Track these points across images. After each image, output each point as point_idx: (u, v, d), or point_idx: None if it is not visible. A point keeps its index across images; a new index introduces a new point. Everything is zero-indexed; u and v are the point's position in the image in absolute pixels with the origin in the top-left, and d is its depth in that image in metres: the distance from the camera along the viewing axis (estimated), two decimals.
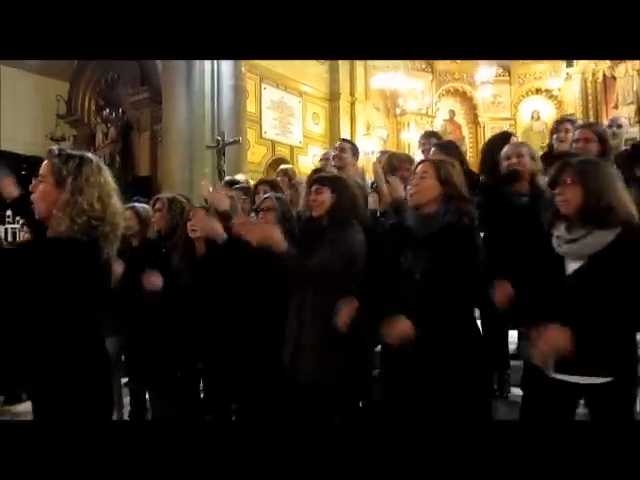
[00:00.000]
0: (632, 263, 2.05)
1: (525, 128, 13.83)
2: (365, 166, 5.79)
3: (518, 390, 3.11)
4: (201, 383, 3.79)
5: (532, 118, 13.92)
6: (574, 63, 13.13)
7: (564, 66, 13.38)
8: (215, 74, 9.75)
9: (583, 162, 2.28)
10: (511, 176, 3.29)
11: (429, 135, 4.68)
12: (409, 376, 2.61)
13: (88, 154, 2.09)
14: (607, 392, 2.10)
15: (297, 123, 11.93)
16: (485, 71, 12.75)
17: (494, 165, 3.45)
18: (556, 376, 2.17)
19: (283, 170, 5.14)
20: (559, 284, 2.18)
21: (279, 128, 11.55)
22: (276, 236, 2.67)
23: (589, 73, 12.89)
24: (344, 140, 4.78)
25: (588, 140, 3.36)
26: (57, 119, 12.21)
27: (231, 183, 5.00)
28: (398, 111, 13.61)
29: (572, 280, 2.16)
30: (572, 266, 2.18)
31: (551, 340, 2.02)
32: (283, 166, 5.53)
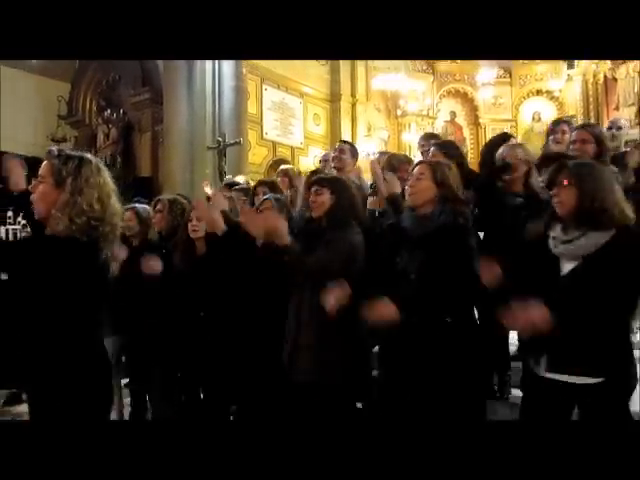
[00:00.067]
0: (625, 264, 2.06)
1: (526, 129, 13.85)
2: (364, 166, 5.78)
3: (519, 391, 3.12)
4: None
5: (533, 119, 13.92)
6: (575, 64, 13.14)
7: (565, 67, 13.39)
8: (216, 75, 9.77)
9: (579, 164, 2.30)
10: (503, 169, 3.32)
11: (428, 137, 4.69)
12: (405, 375, 2.62)
13: (87, 155, 2.10)
14: (598, 393, 2.10)
15: (298, 124, 11.94)
16: (486, 72, 12.75)
17: (493, 166, 3.47)
18: (547, 375, 2.19)
19: (283, 171, 5.12)
20: (555, 284, 2.19)
21: (280, 129, 11.55)
22: (280, 227, 2.69)
23: (590, 74, 12.89)
24: (343, 142, 4.78)
25: (585, 141, 3.36)
26: (58, 120, 12.24)
27: (230, 185, 5.00)
28: (399, 112, 13.61)
29: (566, 280, 2.18)
30: (567, 267, 2.20)
31: (531, 318, 2.04)
32: (283, 166, 5.51)
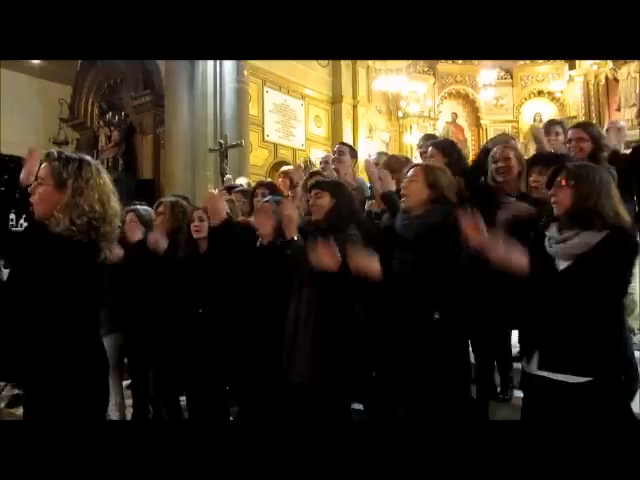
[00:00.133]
0: (615, 265, 2.08)
1: (527, 130, 13.79)
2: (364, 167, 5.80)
3: (522, 393, 3.13)
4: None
5: (534, 120, 13.87)
6: (576, 65, 13.13)
7: (566, 68, 13.37)
8: (217, 77, 9.77)
9: (578, 166, 2.33)
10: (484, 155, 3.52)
11: (428, 138, 4.71)
12: (397, 373, 2.65)
13: (87, 157, 2.12)
14: (587, 392, 2.10)
15: (299, 126, 11.93)
16: (487, 74, 12.73)
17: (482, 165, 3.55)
18: (538, 373, 2.21)
19: (284, 172, 5.13)
20: (549, 283, 2.20)
21: (282, 131, 11.54)
22: (294, 219, 2.86)
23: (591, 75, 12.87)
24: (342, 144, 4.79)
25: (581, 140, 3.38)
26: (60, 123, 12.24)
27: (229, 188, 5.00)
28: (400, 114, 13.60)
29: (558, 279, 2.19)
30: (562, 266, 2.21)
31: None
32: (284, 168, 5.52)
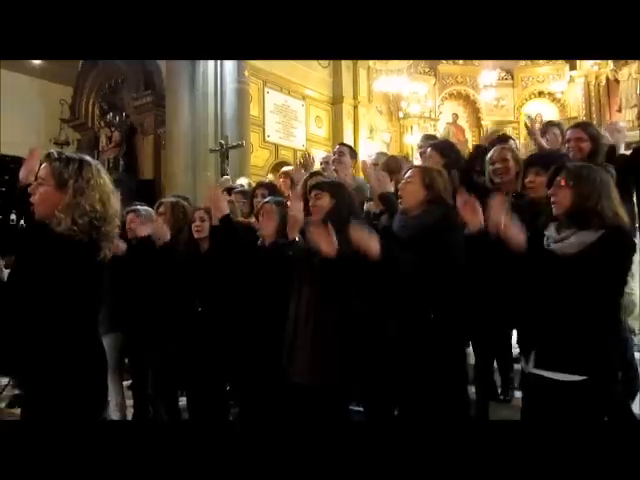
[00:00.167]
0: (611, 264, 2.08)
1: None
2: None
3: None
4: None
5: (535, 121, 13.86)
6: (577, 66, 13.12)
7: (567, 69, 13.35)
8: (218, 78, 9.78)
9: (579, 167, 2.33)
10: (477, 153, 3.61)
11: (428, 138, 4.73)
12: (396, 374, 2.66)
13: (87, 157, 2.12)
14: (582, 391, 2.10)
15: (300, 127, 11.93)
16: (488, 74, 12.72)
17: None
18: (534, 371, 2.21)
19: (285, 172, 5.14)
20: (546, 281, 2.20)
21: (282, 132, 11.55)
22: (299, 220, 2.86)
23: (592, 76, 12.87)
24: (342, 144, 4.81)
25: (580, 140, 3.39)
26: (61, 123, 12.26)
27: (229, 189, 5.01)
28: (401, 114, 13.60)
29: (555, 278, 2.18)
30: None
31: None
32: (285, 168, 5.53)
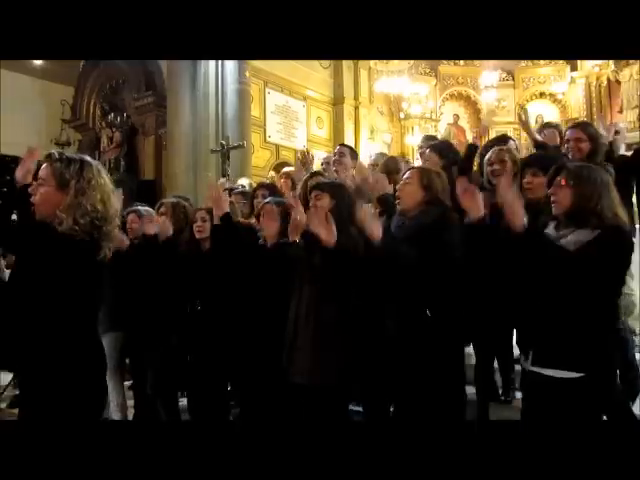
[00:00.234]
0: (607, 263, 2.09)
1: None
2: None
3: None
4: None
5: (536, 122, 13.82)
6: (578, 67, 13.12)
7: (568, 70, 13.35)
8: (219, 78, 9.78)
9: (579, 167, 2.35)
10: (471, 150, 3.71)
11: (429, 139, 4.75)
12: (394, 373, 2.67)
13: (87, 157, 2.13)
14: (579, 388, 2.11)
15: (301, 127, 11.94)
16: (489, 75, 12.73)
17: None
18: (532, 368, 2.23)
19: (286, 173, 5.15)
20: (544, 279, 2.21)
21: (283, 132, 11.56)
22: (300, 221, 2.91)
23: (593, 77, 12.86)
24: (343, 145, 4.82)
25: (579, 140, 3.41)
26: (62, 124, 12.28)
27: (229, 190, 5.02)
28: (402, 115, 13.60)
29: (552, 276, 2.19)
30: None
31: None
32: (286, 169, 5.53)
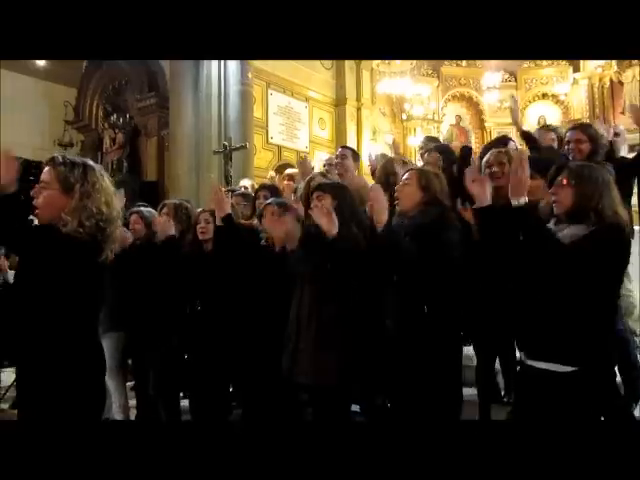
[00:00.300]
0: (601, 258, 2.08)
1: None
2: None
3: None
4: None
5: (538, 123, 13.84)
6: (581, 68, 13.11)
7: (571, 71, 13.34)
8: (222, 80, 9.79)
9: (581, 166, 2.35)
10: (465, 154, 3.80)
11: (429, 140, 4.78)
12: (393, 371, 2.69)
13: (89, 161, 2.15)
14: (573, 382, 2.11)
15: (303, 128, 11.94)
16: (491, 76, 12.72)
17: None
18: (528, 362, 2.24)
19: (289, 175, 5.16)
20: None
21: (286, 133, 11.56)
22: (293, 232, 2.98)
23: (596, 78, 12.84)
24: (345, 147, 4.83)
25: (580, 141, 3.44)
26: (65, 125, 12.29)
27: (230, 191, 5.04)
28: (404, 116, 13.60)
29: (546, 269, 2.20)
30: None
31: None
32: (289, 170, 5.55)
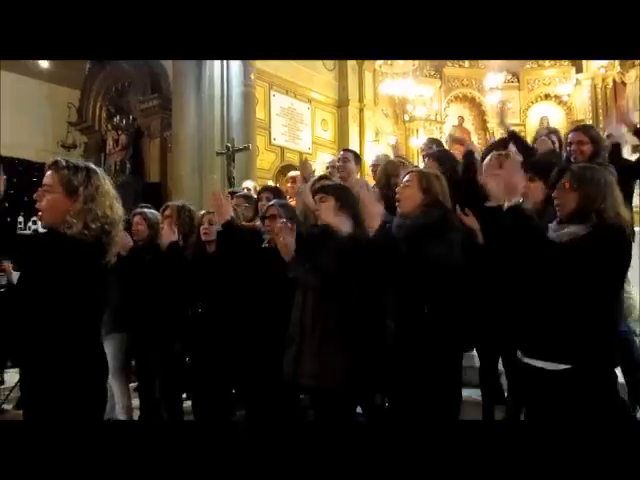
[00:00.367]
0: (598, 257, 2.09)
1: (534, 134, 13.73)
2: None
3: None
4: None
5: (541, 124, 13.82)
6: (583, 69, 13.08)
7: (573, 72, 13.31)
8: (225, 81, 9.79)
9: (583, 168, 2.36)
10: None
11: (431, 142, 4.79)
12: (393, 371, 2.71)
13: (92, 164, 2.16)
14: (567, 380, 2.12)
15: (306, 129, 11.94)
16: (494, 77, 12.68)
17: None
18: (525, 360, 2.25)
19: (292, 177, 5.19)
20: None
21: (288, 135, 11.57)
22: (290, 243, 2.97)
23: (599, 79, 12.80)
24: (346, 150, 4.85)
25: (581, 143, 3.46)
26: (68, 126, 12.31)
27: (232, 193, 5.04)
28: (407, 117, 13.59)
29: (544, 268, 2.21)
30: None
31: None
32: (292, 173, 5.57)
